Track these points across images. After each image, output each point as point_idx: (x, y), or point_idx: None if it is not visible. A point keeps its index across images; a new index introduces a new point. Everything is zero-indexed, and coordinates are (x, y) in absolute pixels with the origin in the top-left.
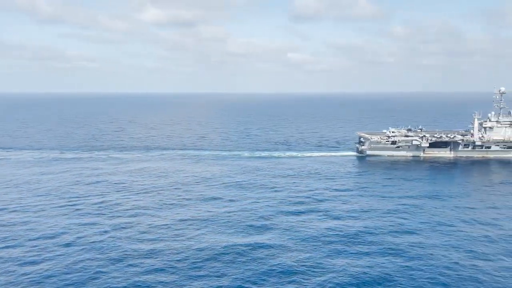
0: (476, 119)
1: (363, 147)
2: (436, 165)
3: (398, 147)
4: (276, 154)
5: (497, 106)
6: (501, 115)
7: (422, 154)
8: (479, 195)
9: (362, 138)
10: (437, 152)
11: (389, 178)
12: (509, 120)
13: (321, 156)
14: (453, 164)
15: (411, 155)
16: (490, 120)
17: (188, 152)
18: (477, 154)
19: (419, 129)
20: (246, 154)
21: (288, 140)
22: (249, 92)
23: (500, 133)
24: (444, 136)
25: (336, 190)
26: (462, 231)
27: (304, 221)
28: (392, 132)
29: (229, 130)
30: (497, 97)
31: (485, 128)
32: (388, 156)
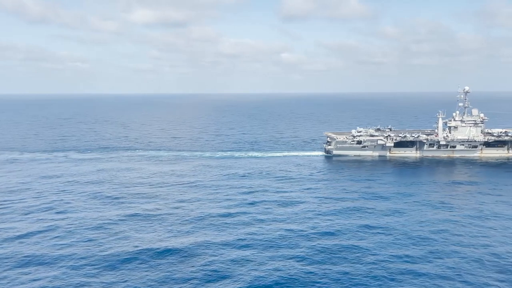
0: (440, 119)
1: (329, 147)
2: (398, 165)
3: (364, 147)
4: (237, 154)
5: (462, 105)
6: (465, 115)
7: (388, 154)
8: (434, 195)
9: (328, 138)
10: (403, 152)
11: (343, 177)
12: (473, 120)
13: (287, 156)
14: (417, 163)
15: (378, 154)
16: (454, 120)
17: (150, 152)
18: (442, 154)
19: (387, 128)
20: (208, 154)
21: (258, 140)
22: (243, 93)
23: (465, 133)
24: (408, 135)
25: (282, 190)
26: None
27: (233, 222)
28: (358, 132)
29: (202, 130)
30: (462, 97)
31: (449, 127)
32: (354, 156)
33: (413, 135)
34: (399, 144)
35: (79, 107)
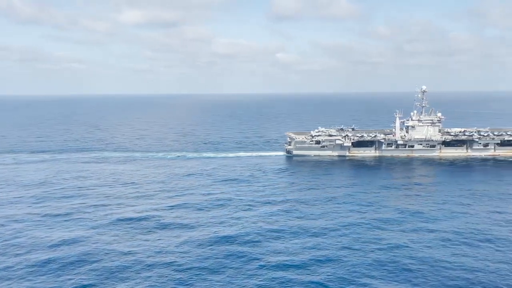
0: (397, 118)
1: (289, 147)
2: (351, 165)
3: (323, 146)
4: (190, 154)
5: (419, 104)
6: (423, 114)
7: (347, 154)
8: (380, 196)
9: (288, 138)
10: (362, 152)
11: (288, 177)
12: (431, 119)
13: (248, 156)
14: (373, 163)
15: (337, 154)
16: (412, 119)
17: (103, 153)
18: (401, 153)
19: (350, 128)
20: (161, 155)
21: (222, 141)
22: (240, 93)
23: (422, 132)
24: (365, 135)
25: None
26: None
27: (141, 226)
28: (317, 132)
29: (173, 131)
30: (419, 96)
31: (407, 127)
32: (314, 156)
33: (370, 135)
34: (359, 144)
35: (67, 108)
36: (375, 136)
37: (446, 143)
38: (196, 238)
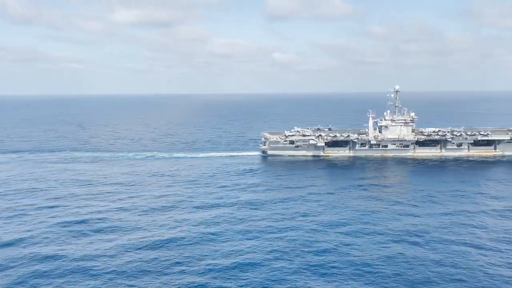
0: (370, 118)
1: (264, 147)
2: (327, 165)
3: (297, 146)
4: (160, 154)
5: (392, 104)
6: (396, 114)
7: (322, 154)
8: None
9: (263, 138)
10: (336, 152)
11: (254, 178)
12: (404, 119)
13: (220, 156)
14: (345, 163)
15: (311, 154)
16: (385, 119)
17: (74, 154)
18: (375, 153)
19: (327, 128)
20: (131, 155)
21: (198, 141)
22: (239, 92)
23: (395, 132)
24: (338, 135)
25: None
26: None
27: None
28: (291, 132)
29: (152, 131)
30: (393, 96)
31: (380, 126)
32: (289, 156)
33: (343, 134)
34: (334, 144)
35: (62, 108)
36: (348, 136)
37: (420, 143)
38: (128, 242)
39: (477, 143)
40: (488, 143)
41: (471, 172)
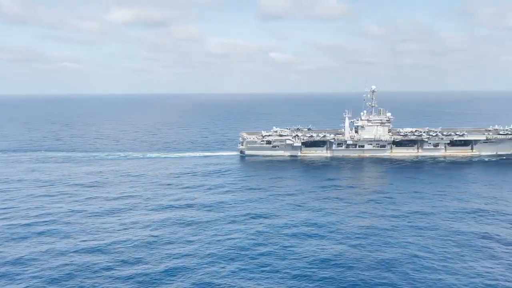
0: (347, 118)
1: (241, 147)
2: (303, 165)
3: (275, 146)
4: (135, 154)
5: (369, 104)
6: (372, 114)
7: (299, 154)
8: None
9: (241, 138)
10: (314, 152)
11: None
12: (380, 119)
13: (195, 156)
14: (321, 164)
15: (289, 154)
16: (361, 119)
17: (46, 154)
18: (353, 153)
19: (307, 128)
20: (103, 155)
21: (176, 141)
22: (239, 92)
23: (372, 132)
24: (315, 135)
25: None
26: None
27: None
28: (268, 132)
29: (135, 130)
30: (369, 96)
31: (356, 127)
32: (267, 156)
33: (319, 135)
34: (312, 144)
35: (57, 107)
36: (325, 136)
37: (397, 143)
38: (66, 246)
39: (454, 143)
40: (465, 143)
41: (443, 173)
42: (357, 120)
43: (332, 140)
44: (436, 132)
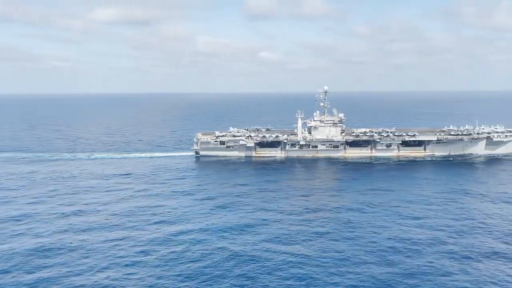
0: (299, 119)
1: (196, 147)
2: (255, 166)
3: (229, 147)
4: (81, 155)
5: (322, 105)
6: (325, 115)
7: (254, 154)
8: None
9: (195, 139)
10: (268, 152)
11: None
12: (332, 119)
13: (145, 156)
14: (270, 164)
15: (244, 155)
16: (314, 120)
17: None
18: (307, 154)
19: (265, 128)
20: (47, 155)
21: (132, 141)
22: (231, 92)
23: (325, 132)
24: (267, 136)
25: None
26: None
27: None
28: (221, 133)
29: (106, 130)
30: (322, 96)
31: (309, 127)
32: (221, 156)
33: (272, 135)
34: (267, 145)
35: (37, 107)
36: (277, 136)
37: (351, 143)
38: None
39: (407, 144)
40: (419, 143)
41: (390, 174)
42: (310, 120)
43: (285, 141)
44: (388, 132)
